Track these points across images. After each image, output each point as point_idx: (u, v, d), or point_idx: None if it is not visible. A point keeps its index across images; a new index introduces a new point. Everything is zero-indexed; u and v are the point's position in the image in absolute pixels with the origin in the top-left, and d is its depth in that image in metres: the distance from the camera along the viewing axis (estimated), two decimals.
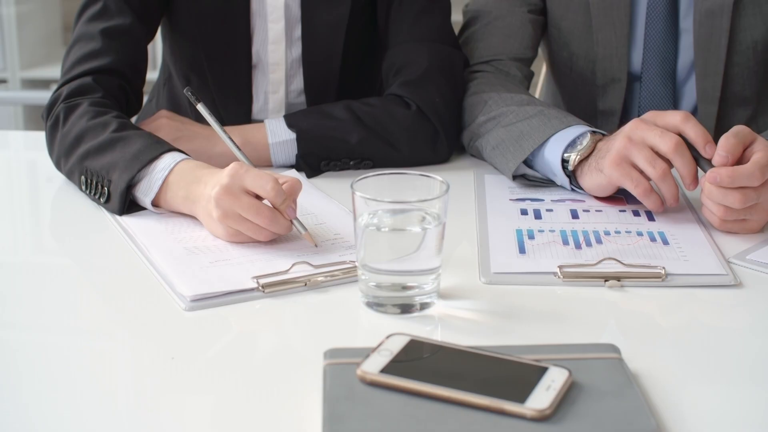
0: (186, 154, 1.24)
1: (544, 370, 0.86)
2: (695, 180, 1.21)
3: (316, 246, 1.14)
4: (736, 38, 1.53)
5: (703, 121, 1.58)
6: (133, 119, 1.47)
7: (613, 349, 0.92)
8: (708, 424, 0.85)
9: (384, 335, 0.92)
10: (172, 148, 1.24)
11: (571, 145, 1.30)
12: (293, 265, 1.09)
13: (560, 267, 1.09)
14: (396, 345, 0.90)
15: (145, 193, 1.23)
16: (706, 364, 0.95)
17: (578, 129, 1.31)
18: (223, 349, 0.97)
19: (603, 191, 1.29)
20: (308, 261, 1.10)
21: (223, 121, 1.50)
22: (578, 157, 1.28)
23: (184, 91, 1.24)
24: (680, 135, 1.21)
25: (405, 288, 1.01)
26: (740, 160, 1.20)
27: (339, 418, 0.82)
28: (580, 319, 1.03)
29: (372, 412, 0.83)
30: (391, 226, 1.02)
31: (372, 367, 0.87)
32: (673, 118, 1.22)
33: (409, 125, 1.41)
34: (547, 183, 1.36)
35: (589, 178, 1.28)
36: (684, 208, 1.29)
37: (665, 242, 1.18)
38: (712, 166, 1.20)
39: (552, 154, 1.31)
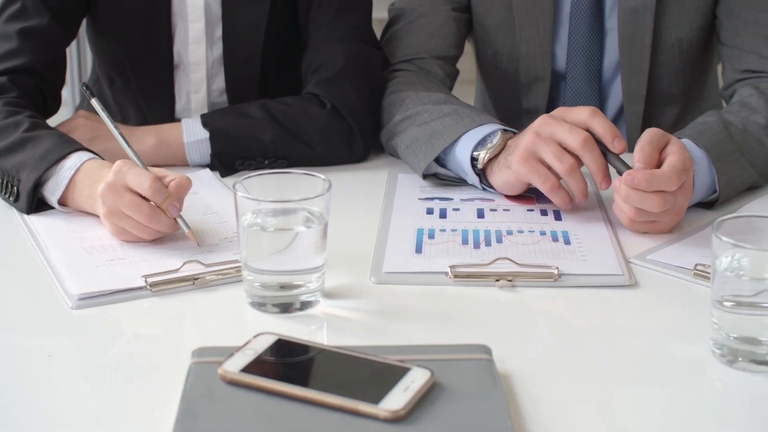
0: (94, 153, 1.24)
1: (406, 370, 0.86)
2: (606, 177, 1.20)
3: (198, 245, 1.13)
4: (661, 37, 1.52)
5: (629, 120, 1.57)
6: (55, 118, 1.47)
7: (485, 350, 0.91)
8: (573, 427, 0.84)
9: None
10: (80, 148, 1.24)
11: (481, 143, 1.29)
12: (184, 263, 1.08)
13: (452, 267, 1.09)
14: (262, 344, 0.90)
15: (52, 192, 1.23)
16: (586, 365, 0.94)
17: (489, 127, 1.30)
18: (103, 347, 0.97)
19: (512, 189, 1.28)
20: (200, 260, 1.09)
21: (147, 121, 1.51)
22: (487, 155, 1.28)
23: (80, 86, 1.24)
24: (589, 131, 1.21)
25: (285, 287, 1.01)
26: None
27: (193, 416, 0.81)
28: (467, 319, 1.03)
29: (227, 411, 0.82)
30: (274, 226, 1.01)
31: (233, 366, 0.86)
32: (581, 113, 1.21)
33: (324, 124, 1.41)
34: (460, 182, 1.35)
35: (498, 176, 1.28)
36: (594, 206, 1.28)
37: (567, 242, 1.17)
38: (620, 161, 1.20)
39: (462, 153, 1.30)
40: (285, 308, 1.01)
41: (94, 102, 1.19)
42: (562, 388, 0.90)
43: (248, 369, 0.86)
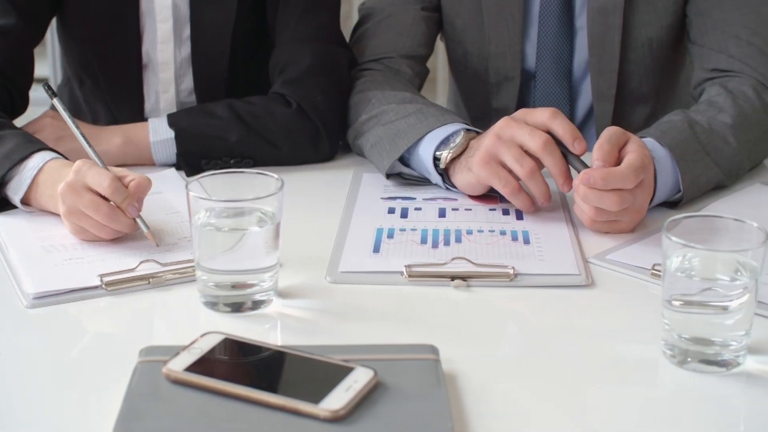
0: (58, 153, 1.24)
1: (349, 370, 0.85)
2: (568, 179, 1.20)
3: (157, 245, 1.13)
4: (630, 35, 1.52)
5: (599, 119, 1.57)
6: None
7: (432, 350, 0.91)
8: (517, 427, 0.84)
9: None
10: (43, 148, 1.24)
11: (444, 143, 1.29)
12: (140, 263, 1.08)
13: (407, 267, 1.09)
14: (208, 344, 0.90)
15: (15, 191, 1.23)
16: (535, 366, 0.94)
17: (453, 127, 1.30)
18: (55, 346, 0.97)
19: (474, 190, 1.28)
20: (157, 259, 1.09)
21: (116, 121, 1.51)
22: (450, 154, 1.27)
23: (42, 86, 1.24)
24: (550, 133, 1.20)
25: (237, 287, 1.01)
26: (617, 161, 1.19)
27: (134, 414, 0.81)
28: (420, 319, 1.03)
29: (169, 409, 0.82)
30: (227, 226, 1.01)
31: (177, 365, 0.86)
32: (542, 115, 1.21)
33: (289, 124, 1.41)
34: (424, 182, 1.35)
35: (460, 177, 1.27)
36: (556, 206, 1.28)
37: (526, 241, 1.17)
38: (581, 162, 1.20)
39: (425, 152, 1.30)
40: (237, 307, 1.01)
41: (56, 102, 1.19)
42: (509, 389, 0.90)
43: (192, 368, 0.86)
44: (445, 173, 1.30)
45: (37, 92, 1.38)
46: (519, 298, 1.07)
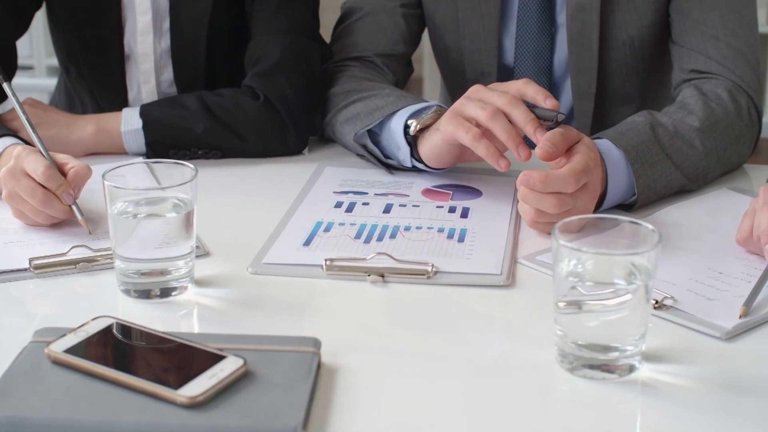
0: (20, 139, 1.28)
1: (220, 358, 0.87)
2: (538, 127, 1.15)
3: (90, 233, 1.16)
4: (611, 34, 1.49)
5: (579, 118, 1.55)
6: None
7: (313, 343, 0.92)
8: (383, 427, 0.84)
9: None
10: (7, 134, 1.29)
11: (416, 114, 1.31)
12: (72, 248, 1.12)
13: (327, 260, 1.09)
14: (95, 327, 0.93)
15: None
16: (424, 364, 0.94)
17: (428, 104, 1.32)
18: None
19: (439, 154, 1.27)
20: (89, 245, 1.13)
21: (102, 110, 1.56)
22: (419, 124, 1.29)
23: None
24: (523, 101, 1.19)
25: (149, 274, 1.03)
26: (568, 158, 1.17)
27: (6, 390, 0.84)
28: (325, 312, 1.04)
29: (38, 388, 0.85)
30: (143, 214, 1.04)
31: (59, 346, 0.89)
32: (515, 83, 1.21)
33: (256, 116, 1.43)
34: (384, 167, 1.36)
35: (426, 142, 1.28)
36: (506, 205, 1.27)
37: (461, 240, 1.16)
38: (549, 111, 1.17)
39: (397, 123, 1.32)
40: (145, 294, 1.04)
41: (5, 86, 1.24)
42: (394, 385, 0.90)
43: (72, 350, 0.89)
44: (414, 145, 1.30)
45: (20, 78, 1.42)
46: (433, 295, 1.06)
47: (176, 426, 0.81)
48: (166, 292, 1.04)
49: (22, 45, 2.03)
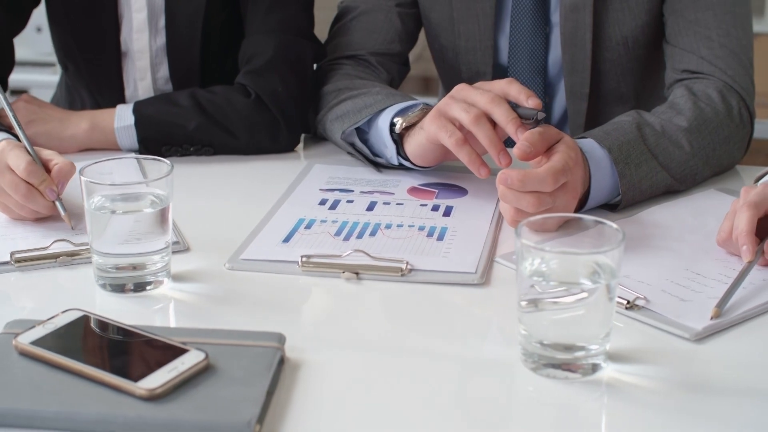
0: (11, 135, 1.30)
1: (182, 352, 0.88)
2: (517, 126, 1.16)
3: (72, 228, 1.18)
4: (605, 33, 1.48)
5: (573, 117, 1.54)
6: None
7: (278, 338, 0.93)
8: (347, 417, 0.85)
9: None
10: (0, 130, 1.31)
11: (402, 112, 1.32)
12: (54, 242, 1.14)
13: (303, 257, 1.10)
14: (64, 320, 0.94)
15: None
16: (389, 362, 0.94)
17: (415, 102, 1.33)
18: None
19: (423, 152, 1.28)
20: (71, 239, 1.14)
21: (99, 107, 1.57)
22: (405, 122, 1.30)
23: None
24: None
25: (123, 269, 1.05)
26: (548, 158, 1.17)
27: None
28: (301, 308, 1.05)
29: (3, 379, 0.87)
30: (120, 209, 1.05)
31: (27, 338, 0.91)
32: (499, 83, 1.21)
33: (248, 114, 1.44)
34: (370, 165, 1.37)
35: (411, 140, 1.29)
36: (489, 204, 1.27)
37: (440, 238, 1.17)
38: (530, 110, 1.17)
39: (384, 121, 1.33)
40: (119, 289, 1.05)
41: None
42: (354, 382, 0.91)
43: (39, 342, 0.90)
44: (400, 142, 1.31)
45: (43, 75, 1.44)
46: (407, 293, 1.07)
47: (133, 418, 0.82)
48: (140, 287, 1.05)
49: (45, 42, 2.07)
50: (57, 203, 1.18)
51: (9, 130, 1.32)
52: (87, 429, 0.82)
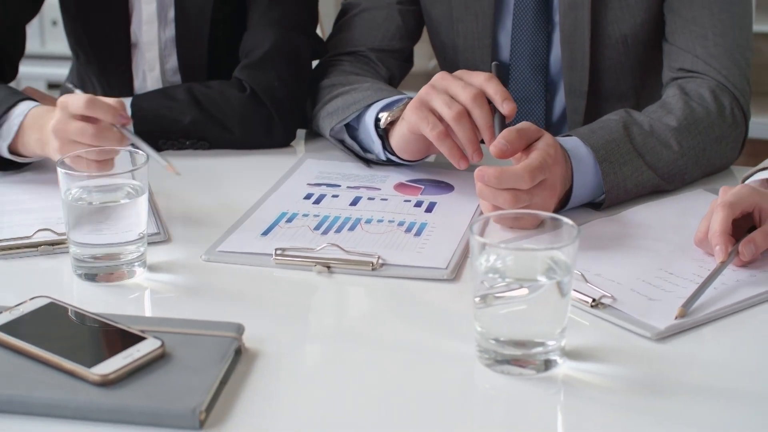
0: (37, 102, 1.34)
1: (139, 339, 0.90)
2: (491, 136, 1.18)
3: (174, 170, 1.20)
4: (604, 32, 1.47)
5: (571, 116, 1.53)
6: None
7: (236, 328, 0.94)
8: (301, 409, 0.86)
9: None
10: (27, 98, 1.34)
11: (388, 107, 1.33)
12: (37, 231, 1.16)
13: (277, 250, 1.11)
14: (30, 306, 0.97)
15: (4, 138, 1.32)
16: (347, 356, 0.95)
17: (401, 97, 1.33)
18: None
19: (407, 144, 1.29)
20: (53, 229, 1.17)
21: (110, 96, 1.60)
22: (390, 117, 1.31)
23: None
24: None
25: (99, 258, 1.07)
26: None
27: None
28: (270, 300, 1.06)
29: None
30: (97, 200, 1.07)
31: None
32: (478, 77, 1.21)
33: (242, 108, 1.46)
34: (361, 161, 1.38)
35: (395, 133, 1.30)
36: (475, 199, 1.26)
37: (418, 233, 1.17)
38: (502, 125, 1.18)
39: (370, 117, 1.34)
40: (90, 278, 1.07)
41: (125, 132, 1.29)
42: (310, 374, 0.92)
43: (4, 327, 0.93)
44: (386, 137, 1.32)
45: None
46: (377, 287, 1.07)
47: (84, 402, 0.84)
48: (120, 277, 1.07)
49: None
50: (125, 131, 1.22)
51: (33, 99, 1.35)
52: (40, 413, 0.84)
